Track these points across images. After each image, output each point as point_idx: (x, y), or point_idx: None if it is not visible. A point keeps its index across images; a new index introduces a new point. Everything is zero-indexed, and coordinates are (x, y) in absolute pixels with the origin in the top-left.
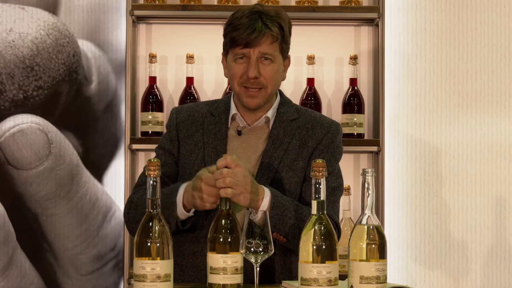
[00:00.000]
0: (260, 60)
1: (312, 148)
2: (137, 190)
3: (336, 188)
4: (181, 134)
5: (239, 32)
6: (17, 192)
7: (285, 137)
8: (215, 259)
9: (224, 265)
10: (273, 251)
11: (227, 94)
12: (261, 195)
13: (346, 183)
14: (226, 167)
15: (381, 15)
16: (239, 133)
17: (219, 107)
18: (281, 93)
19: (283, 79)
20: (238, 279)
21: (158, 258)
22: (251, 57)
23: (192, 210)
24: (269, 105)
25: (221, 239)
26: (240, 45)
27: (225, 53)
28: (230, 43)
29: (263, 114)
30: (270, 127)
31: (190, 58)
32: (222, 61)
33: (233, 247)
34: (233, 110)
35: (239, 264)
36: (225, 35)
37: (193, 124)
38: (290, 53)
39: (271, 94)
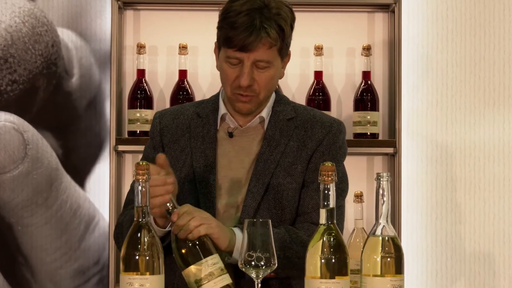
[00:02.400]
0: (255, 66)
1: (312, 150)
2: (125, 211)
3: (339, 194)
4: (165, 140)
5: (235, 32)
6: None
7: (282, 138)
8: (195, 271)
9: (208, 269)
10: (276, 265)
11: None
12: (233, 235)
13: (358, 189)
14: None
15: (398, 0)
16: (230, 135)
17: (206, 108)
18: (277, 91)
19: (281, 77)
20: (228, 278)
21: (148, 273)
22: (245, 63)
23: (168, 226)
24: (263, 104)
25: (187, 250)
26: (235, 48)
27: (219, 45)
28: (224, 41)
29: (257, 114)
30: (265, 128)
31: (183, 49)
32: (215, 51)
33: (204, 252)
34: (222, 110)
35: (221, 263)
36: (219, 28)
37: (178, 128)
38: (295, 43)
39: (264, 100)
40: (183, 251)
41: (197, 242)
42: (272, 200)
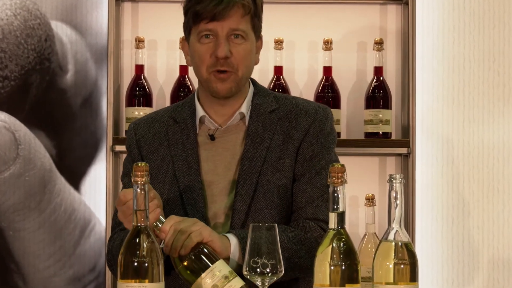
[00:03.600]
0: (230, 38)
1: (299, 141)
2: (114, 234)
3: None
4: (143, 151)
5: (203, 4)
6: None
7: (266, 133)
8: (204, 282)
9: (220, 275)
10: (283, 272)
11: None
12: (227, 241)
13: (369, 192)
14: None
15: None
16: (212, 137)
17: (182, 112)
18: (254, 82)
19: (256, 63)
20: (238, 281)
21: (147, 280)
22: (219, 34)
23: (161, 244)
24: (241, 97)
25: (189, 264)
26: (206, 19)
27: (187, 35)
28: (194, 18)
29: (236, 110)
30: (247, 124)
31: None
32: (183, 48)
33: (208, 259)
34: (200, 112)
35: (226, 268)
36: (186, 12)
37: (155, 137)
38: (303, 36)
39: (243, 79)
40: (185, 263)
41: (195, 254)
42: (263, 200)
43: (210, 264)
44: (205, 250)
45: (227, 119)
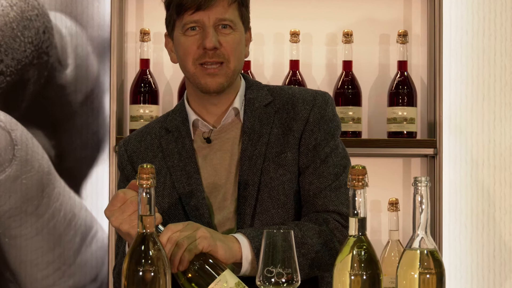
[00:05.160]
0: (218, 29)
1: (299, 132)
2: (119, 261)
3: (341, 173)
4: (137, 166)
5: None
6: None
7: (263, 128)
8: None
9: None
10: (299, 282)
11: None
12: (235, 242)
13: (393, 196)
14: None
15: None
16: (208, 140)
17: (174, 119)
18: (245, 76)
19: (246, 55)
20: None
21: None
22: (205, 24)
23: None
24: (233, 92)
25: (193, 276)
26: (190, 10)
27: (170, 30)
28: (177, 10)
29: (228, 107)
30: (242, 120)
31: None
32: (166, 45)
33: (212, 271)
34: (192, 116)
35: (234, 276)
36: (167, 5)
37: (148, 150)
38: (321, 28)
39: (234, 71)
40: (189, 276)
41: (198, 265)
42: (268, 199)
43: (216, 275)
44: (209, 260)
45: (220, 118)
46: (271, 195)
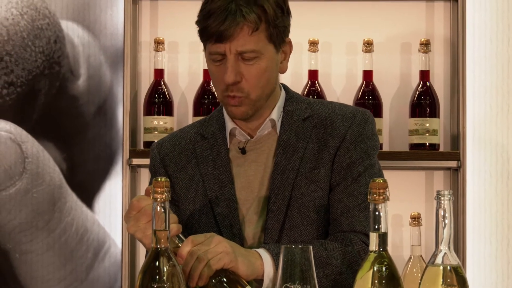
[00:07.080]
0: (240, 60)
1: (335, 148)
2: None
3: None
4: (170, 170)
5: (209, 21)
6: None
7: (299, 142)
8: None
9: None
10: None
11: None
12: (258, 259)
13: (415, 210)
14: None
15: None
16: (243, 151)
17: (211, 126)
18: (286, 88)
19: (283, 71)
20: None
21: None
22: (227, 57)
23: None
24: (272, 104)
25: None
26: (212, 39)
27: (203, 45)
28: (201, 35)
29: (266, 118)
30: (278, 132)
31: None
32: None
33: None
34: (230, 124)
35: None
36: (197, 21)
37: (182, 154)
38: (341, 37)
39: (258, 100)
40: None
41: (218, 281)
42: (298, 215)
43: None
44: (230, 276)
45: (257, 128)
46: (300, 211)
